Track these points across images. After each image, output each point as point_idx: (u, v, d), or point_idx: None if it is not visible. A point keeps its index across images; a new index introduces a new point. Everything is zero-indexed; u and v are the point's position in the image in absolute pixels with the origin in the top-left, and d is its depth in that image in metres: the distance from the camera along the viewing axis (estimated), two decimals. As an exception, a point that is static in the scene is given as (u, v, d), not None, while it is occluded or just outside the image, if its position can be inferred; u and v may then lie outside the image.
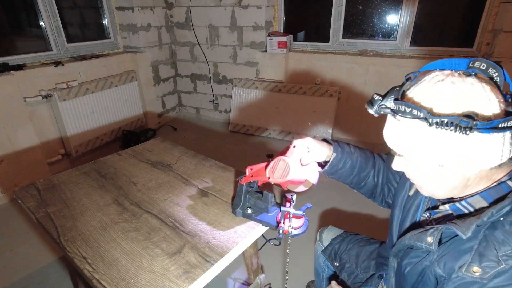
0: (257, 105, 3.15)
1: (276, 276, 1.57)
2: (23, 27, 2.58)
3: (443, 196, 0.61)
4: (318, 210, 2.06)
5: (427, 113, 0.49)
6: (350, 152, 0.85)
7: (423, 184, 0.61)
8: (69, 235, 0.89)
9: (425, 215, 0.70)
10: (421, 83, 0.55)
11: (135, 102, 3.09)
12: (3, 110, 2.12)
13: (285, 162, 0.73)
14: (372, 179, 0.89)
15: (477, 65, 0.53)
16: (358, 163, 0.86)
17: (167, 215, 0.97)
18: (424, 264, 0.61)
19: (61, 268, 1.64)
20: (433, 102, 0.51)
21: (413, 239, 0.62)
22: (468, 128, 0.47)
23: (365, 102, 0.62)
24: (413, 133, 0.53)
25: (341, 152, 0.83)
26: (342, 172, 0.85)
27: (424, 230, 0.61)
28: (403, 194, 0.78)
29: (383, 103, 0.58)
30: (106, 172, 1.23)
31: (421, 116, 0.50)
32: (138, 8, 2.98)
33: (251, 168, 0.85)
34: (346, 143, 0.88)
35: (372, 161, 0.89)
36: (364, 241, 1.07)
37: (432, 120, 0.49)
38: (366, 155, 0.89)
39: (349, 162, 0.84)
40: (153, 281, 0.73)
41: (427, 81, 0.54)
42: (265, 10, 2.90)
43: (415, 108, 0.50)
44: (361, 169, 0.87)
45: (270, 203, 0.90)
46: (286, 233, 0.80)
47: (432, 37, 2.61)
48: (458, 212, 0.60)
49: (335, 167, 0.83)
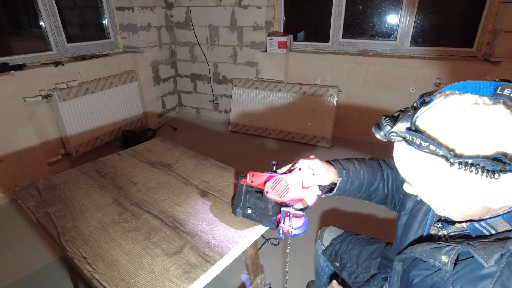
0: (257, 105, 3.15)
1: (276, 276, 1.57)
2: (23, 27, 2.58)
3: (459, 219, 0.57)
4: (319, 210, 2.06)
5: (447, 152, 0.43)
6: (356, 171, 0.84)
7: (438, 208, 0.57)
8: (69, 235, 0.89)
9: (437, 225, 0.66)
10: (439, 110, 0.48)
11: (135, 102, 3.09)
12: (3, 110, 2.12)
13: (286, 183, 0.73)
14: (383, 191, 0.88)
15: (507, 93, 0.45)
16: (366, 179, 0.84)
17: (167, 215, 0.97)
18: (435, 280, 0.57)
19: (61, 268, 1.64)
20: (454, 137, 0.45)
21: (425, 254, 0.58)
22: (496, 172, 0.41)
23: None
24: (430, 167, 0.47)
25: (346, 174, 0.82)
26: (350, 191, 0.84)
27: (437, 247, 0.56)
28: (411, 199, 0.77)
29: (393, 131, 0.51)
30: (106, 172, 1.23)
31: (440, 153, 0.44)
32: (138, 8, 2.98)
33: (252, 174, 0.86)
34: (350, 161, 0.87)
35: (380, 173, 0.87)
36: (364, 241, 1.07)
37: (454, 160, 0.43)
38: (372, 169, 0.86)
39: (356, 182, 0.83)
40: (153, 281, 0.73)
41: (446, 108, 0.47)
42: (265, 10, 2.90)
43: (434, 145, 0.44)
44: (370, 184, 0.85)
45: (270, 203, 0.90)
46: (286, 233, 0.80)
47: (432, 37, 2.61)
48: (477, 233, 0.55)
49: (342, 189, 0.83)
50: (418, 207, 0.73)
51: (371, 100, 2.79)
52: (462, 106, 0.46)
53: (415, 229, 0.72)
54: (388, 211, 1.79)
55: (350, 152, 2.80)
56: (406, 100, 2.64)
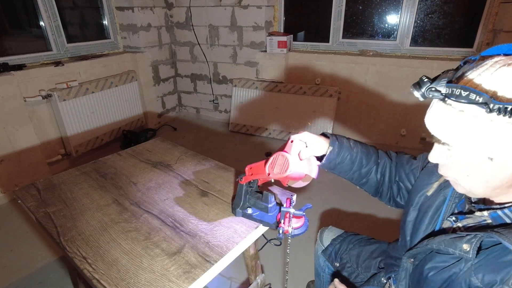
0: (257, 105, 3.15)
1: (276, 276, 1.57)
2: (23, 27, 2.58)
3: (481, 194, 0.57)
4: (319, 210, 2.06)
5: (488, 98, 0.44)
6: (349, 147, 0.83)
7: (462, 179, 0.56)
8: (69, 235, 0.89)
9: (450, 219, 0.65)
10: (482, 67, 0.49)
11: (135, 102, 3.09)
12: (3, 110, 2.12)
13: (283, 157, 0.73)
14: (375, 175, 0.86)
15: None
16: (358, 158, 0.83)
17: (167, 215, 0.97)
18: (453, 271, 0.57)
19: (61, 268, 1.64)
20: (495, 86, 0.46)
21: (444, 244, 0.57)
22: None
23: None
24: (466, 119, 0.48)
25: (338, 146, 0.81)
26: (341, 167, 0.83)
27: (458, 236, 0.56)
28: (420, 194, 0.75)
29: (433, 86, 0.52)
30: (106, 172, 1.23)
31: (479, 101, 0.45)
32: (138, 8, 2.98)
33: (250, 167, 0.85)
34: (347, 138, 0.86)
35: (375, 157, 0.86)
36: (364, 241, 1.07)
37: (494, 105, 0.44)
38: (368, 151, 0.86)
39: (348, 157, 0.82)
40: (153, 281, 0.73)
41: (490, 65, 0.48)
42: (265, 10, 2.90)
43: (474, 92, 0.45)
44: (361, 164, 0.84)
45: (270, 203, 0.90)
46: (286, 233, 0.80)
47: (432, 37, 2.61)
48: (498, 221, 0.55)
49: (333, 161, 0.81)
50: (429, 203, 0.72)
51: (371, 100, 2.79)
52: (506, 62, 0.47)
53: (426, 224, 0.71)
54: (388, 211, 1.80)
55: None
56: (406, 100, 2.65)
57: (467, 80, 0.50)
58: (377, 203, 2.10)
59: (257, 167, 0.83)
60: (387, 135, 2.86)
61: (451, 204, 0.68)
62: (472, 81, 0.49)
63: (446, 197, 0.69)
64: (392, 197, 0.89)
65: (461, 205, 0.66)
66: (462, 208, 0.66)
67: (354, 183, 0.90)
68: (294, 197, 0.88)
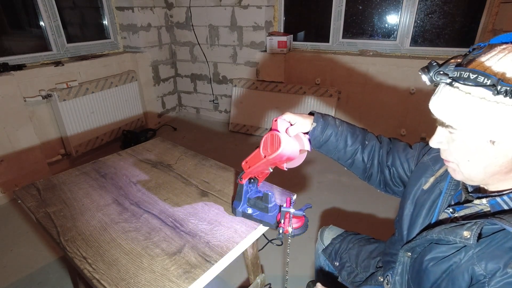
0: (257, 105, 3.15)
1: (276, 276, 1.57)
2: (23, 27, 2.58)
3: (479, 181, 0.58)
4: (319, 210, 2.06)
5: (496, 80, 0.45)
6: (335, 125, 0.83)
7: (463, 164, 0.57)
8: (69, 235, 0.89)
9: (448, 211, 0.66)
10: (490, 53, 0.51)
11: (135, 102, 3.09)
12: (3, 110, 2.12)
13: (273, 134, 0.75)
14: (361, 156, 0.86)
15: None
16: (343, 136, 0.84)
17: (167, 215, 0.97)
18: (453, 261, 0.57)
19: (61, 268, 1.64)
20: (503, 69, 0.47)
21: (444, 233, 0.58)
22: None
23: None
24: (472, 102, 0.49)
25: (323, 123, 0.82)
26: (326, 145, 0.84)
27: (458, 225, 0.57)
28: (416, 188, 0.76)
29: (441, 70, 0.54)
30: (106, 172, 1.23)
31: (487, 83, 0.46)
32: (138, 8, 2.98)
33: (246, 161, 0.85)
34: (333, 117, 0.86)
35: (361, 137, 0.86)
36: (364, 240, 1.07)
37: (501, 87, 0.45)
38: (354, 131, 0.86)
39: (332, 135, 0.82)
40: (153, 281, 0.73)
41: (498, 51, 0.50)
42: (265, 10, 2.90)
43: (482, 74, 0.47)
44: (346, 143, 0.84)
45: (270, 203, 0.90)
46: (286, 233, 0.80)
47: (432, 37, 2.61)
48: (497, 208, 0.56)
49: (317, 138, 0.82)
50: (426, 196, 0.72)
51: (371, 100, 2.79)
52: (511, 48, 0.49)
53: (423, 218, 0.71)
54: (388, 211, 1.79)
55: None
56: (406, 100, 2.65)
57: (475, 64, 0.51)
58: (377, 203, 2.10)
59: (252, 157, 0.83)
60: (387, 135, 2.84)
61: (447, 196, 0.69)
62: (481, 65, 0.50)
63: (442, 190, 0.70)
64: (383, 182, 0.89)
65: (458, 197, 0.67)
66: (459, 199, 0.66)
67: (341, 163, 0.90)
68: (294, 197, 0.88)
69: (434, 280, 0.61)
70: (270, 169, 0.85)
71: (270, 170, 0.86)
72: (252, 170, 0.84)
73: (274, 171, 0.87)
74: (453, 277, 0.57)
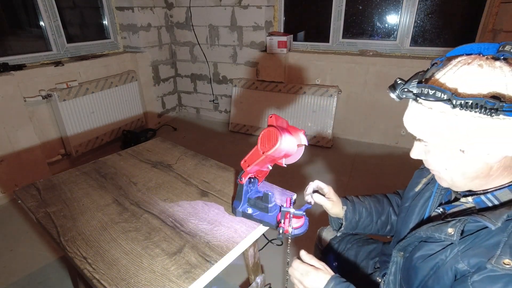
0: (257, 105, 3.15)
1: (276, 276, 1.57)
2: (23, 27, 2.58)
3: (463, 186, 0.59)
4: (318, 210, 2.06)
5: (451, 94, 0.48)
6: (360, 201, 0.87)
7: (443, 172, 0.59)
8: (69, 235, 0.89)
9: (438, 210, 0.68)
10: (446, 67, 0.54)
11: (135, 102, 3.09)
12: (3, 110, 2.12)
13: (270, 130, 0.75)
14: (395, 217, 0.88)
15: (508, 49, 0.51)
16: (373, 207, 0.86)
17: (167, 215, 0.97)
18: (439, 258, 0.59)
19: (61, 268, 1.64)
20: (457, 84, 0.50)
21: (431, 231, 0.60)
22: (493, 110, 0.45)
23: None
24: (435, 116, 0.52)
25: (351, 204, 0.85)
26: (362, 222, 0.86)
27: (443, 222, 0.59)
28: (411, 192, 0.79)
29: (405, 87, 0.57)
30: (106, 172, 1.23)
31: (444, 98, 0.49)
32: (138, 8, 2.98)
33: (244, 160, 0.85)
34: (351, 196, 0.89)
35: (386, 200, 0.89)
36: (362, 241, 1.07)
37: (456, 101, 0.47)
38: (377, 198, 0.89)
39: (363, 210, 0.85)
40: (153, 281, 0.73)
41: (453, 65, 0.53)
42: (265, 10, 2.90)
43: (439, 90, 0.49)
44: (379, 212, 0.87)
45: (270, 203, 0.90)
46: (286, 233, 0.80)
47: (432, 37, 2.61)
48: (481, 205, 0.58)
49: (353, 219, 0.84)
50: (418, 198, 0.75)
51: (371, 100, 2.79)
52: (467, 61, 0.52)
53: (414, 217, 0.73)
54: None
55: (350, 153, 2.80)
56: (406, 100, 2.64)
57: (434, 80, 0.54)
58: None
59: (251, 156, 0.83)
60: (387, 135, 2.86)
61: (438, 195, 0.71)
62: (438, 81, 0.54)
63: (433, 190, 0.72)
64: None
65: (448, 196, 0.69)
66: (449, 198, 0.69)
67: (385, 235, 0.92)
68: (294, 197, 0.89)
69: (422, 277, 0.62)
70: (269, 166, 0.85)
71: (269, 167, 0.86)
72: (252, 168, 0.84)
73: (274, 171, 0.87)
74: (438, 274, 0.59)
